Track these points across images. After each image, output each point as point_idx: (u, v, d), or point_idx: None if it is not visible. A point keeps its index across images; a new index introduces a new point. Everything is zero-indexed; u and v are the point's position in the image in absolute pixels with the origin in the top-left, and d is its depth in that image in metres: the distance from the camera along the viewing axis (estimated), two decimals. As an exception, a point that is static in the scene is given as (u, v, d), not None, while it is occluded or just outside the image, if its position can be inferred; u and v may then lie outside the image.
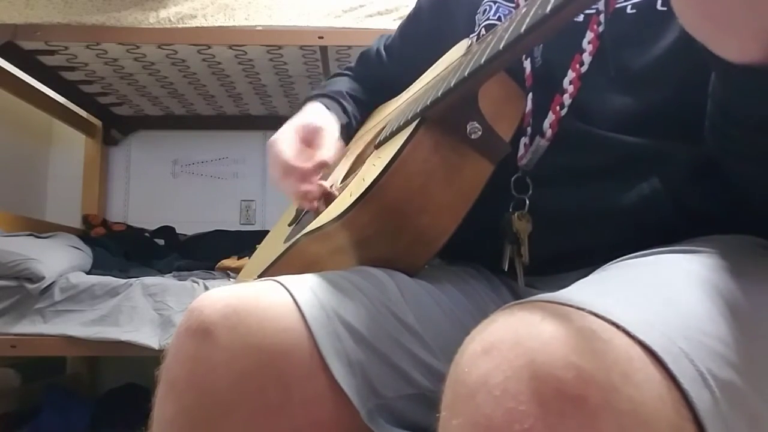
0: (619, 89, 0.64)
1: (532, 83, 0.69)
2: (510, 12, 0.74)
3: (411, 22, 0.95)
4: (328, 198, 0.77)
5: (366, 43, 1.82)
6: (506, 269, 0.67)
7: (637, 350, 0.37)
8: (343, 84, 0.97)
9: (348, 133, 0.91)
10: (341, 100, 0.91)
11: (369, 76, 0.99)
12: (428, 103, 0.63)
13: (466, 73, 0.59)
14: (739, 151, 0.52)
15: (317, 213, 0.76)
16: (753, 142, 0.49)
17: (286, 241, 0.83)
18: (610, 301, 0.41)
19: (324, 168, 0.79)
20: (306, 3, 1.79)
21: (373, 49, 1.01)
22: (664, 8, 0.63)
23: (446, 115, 0.64)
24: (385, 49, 0.99)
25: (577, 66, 0.66)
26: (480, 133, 0.63)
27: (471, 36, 0.77)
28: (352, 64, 1.04)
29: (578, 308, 0.39)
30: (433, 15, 0.89)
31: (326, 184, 0.79)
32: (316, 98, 0.91)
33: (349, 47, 1.88)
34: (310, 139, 0.81)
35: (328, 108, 0.88)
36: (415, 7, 0.94)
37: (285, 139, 0.80)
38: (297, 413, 0.54)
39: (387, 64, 0.98)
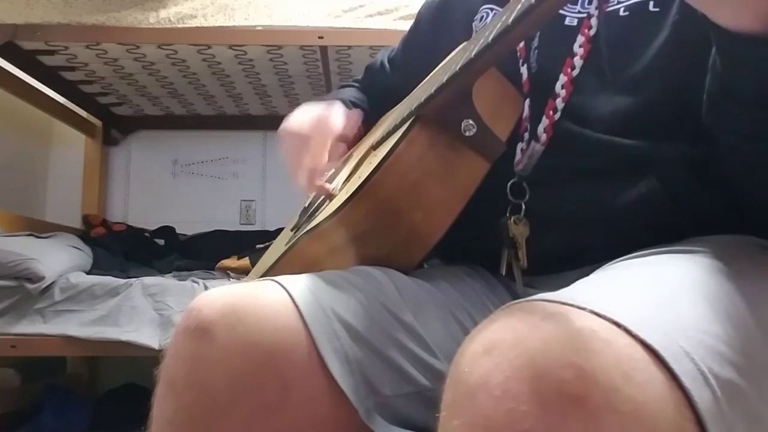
0: (614, 91, 0.64)
1: (529, 89, 0.70)
2: None
3: (412, 32, 0.96)
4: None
5: (366, 43, 1.84)
6: (504, 274, 0.67)
7: (639, 350, 0.37)
8: (348, 93, 0.98)
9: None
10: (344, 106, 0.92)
11: (374, 87, 1.00)
12: (423, 100, 0.63)
13: (457, 68, 0.59)
14: (738, 129, 0.52)
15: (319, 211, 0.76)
16: (752, 118, 0.49)
17: (286, 244, 0.84)
18: (610, 301, 0.41)
19: (342, 140, 0.80)
20: (306, 3, 1.79)
21: (377, 62, 1.02)
22: (657, 9, 0.63)
23: (441, 113, 0.64)
24: (389, 61, 1.00)
25: (569, 70, 0.66)
26: (474, 130, 0.63)
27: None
28: (359, 77, 1.05)
29: (579, 307, 0.39)
30: (432, 24, 0.90)
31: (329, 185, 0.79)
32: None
33: (349, 47, 1.88)
34: (324, 116, 0.83)
35: None
36: (416, 18, 0.95)
37: (299, 115, 0.81)
38: (295, 412, 0.54)
39: (390, 75, 0.99)
